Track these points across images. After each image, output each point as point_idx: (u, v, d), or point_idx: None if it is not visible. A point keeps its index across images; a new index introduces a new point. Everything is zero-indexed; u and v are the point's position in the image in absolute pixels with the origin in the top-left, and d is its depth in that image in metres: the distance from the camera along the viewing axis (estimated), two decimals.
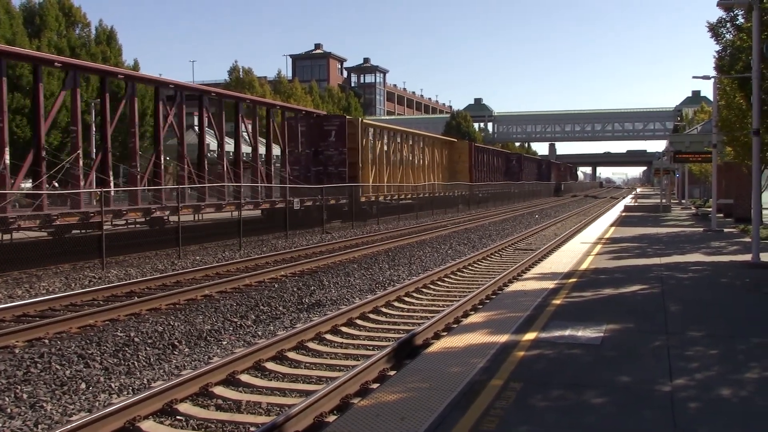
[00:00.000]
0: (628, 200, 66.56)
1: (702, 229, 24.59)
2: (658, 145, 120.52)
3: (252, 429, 6.53)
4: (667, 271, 13.67)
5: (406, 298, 13.10)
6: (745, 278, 12.91)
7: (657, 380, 6.35)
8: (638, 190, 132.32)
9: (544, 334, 8.18)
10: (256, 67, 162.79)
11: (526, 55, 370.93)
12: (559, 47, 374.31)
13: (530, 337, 8.07)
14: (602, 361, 7.07)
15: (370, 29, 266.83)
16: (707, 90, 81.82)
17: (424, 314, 11.80)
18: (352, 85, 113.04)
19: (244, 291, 13.89)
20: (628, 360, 7.09)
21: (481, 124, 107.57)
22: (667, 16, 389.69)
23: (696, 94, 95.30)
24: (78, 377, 7.98)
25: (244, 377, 8.05)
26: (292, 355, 9.06)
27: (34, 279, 15.37)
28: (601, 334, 8.16)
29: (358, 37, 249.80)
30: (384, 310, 12.05)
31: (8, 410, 6.90)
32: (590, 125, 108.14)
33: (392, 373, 7.78)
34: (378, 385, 7.34)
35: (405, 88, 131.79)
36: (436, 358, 7.26)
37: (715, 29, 19.60)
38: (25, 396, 7.31)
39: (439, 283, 14.96)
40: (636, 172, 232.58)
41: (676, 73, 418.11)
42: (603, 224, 29.41)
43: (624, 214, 37.24)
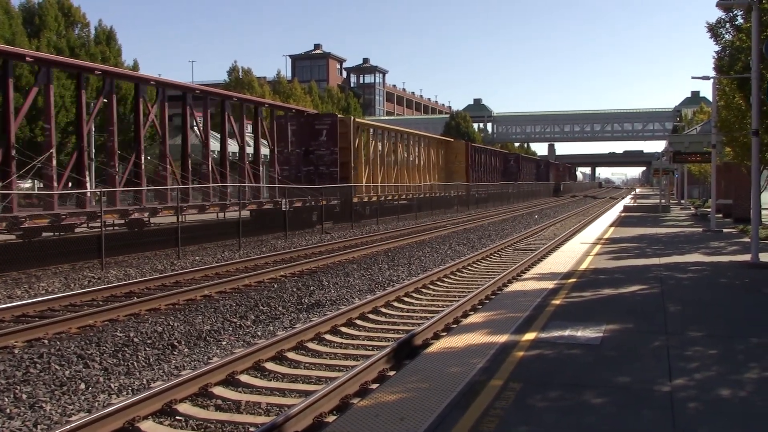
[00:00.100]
0: (628, 200, 66.58)
1: (701, 230, 24.61)
2: (657, 146, 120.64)
3: (251, 429, 6.53)
4: (666, 272, 13.68)
5: (406, 299, 13.10)
6: (745, 278, 12.92)
7: (656, 380, 6.35)
8: (637, 190, 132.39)
9: (543, 335, 8.18)
10: (256, 68, 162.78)
11: (526, 55, 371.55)
12: (559, 47, 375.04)
13: (530, 337, 8.07)
14: (602, 361, 7.07)
15: (370, 29, 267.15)
16: (706, 90, 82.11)
17: (424, 314, 11.80)
18: (352, 85, 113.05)
19: (244, 291, 13.89)
20: (628, 360, 7.09)
21: (481, 125, 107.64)
22: (666, 16, 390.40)
23: (695, 94, 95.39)
24: (77, 377, 7.98)
25: (244, 377, 8.05)
26: (291, 355, 9.06)
27: (34, 279, 15.36)
28: (601, 335, 8.16)
29: (357, 37, 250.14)
30: (383, 310, 12.05)
31: (7, 410, 6.90)
32: (589, 125, 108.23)
33: (392, 374, 7.78)
34: (377, 385, 7.34)
35: (404, 89, 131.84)
36: (435, 359, 7.26)
37: (714, 30, 19.63)
38: (25, 396, 7.31)
39: (438, 283, 14.97)
40: (635, 172, 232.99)
41: (676, 73, 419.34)
42: (602, 224, 29.43)
43: (623, 215, 37.26)
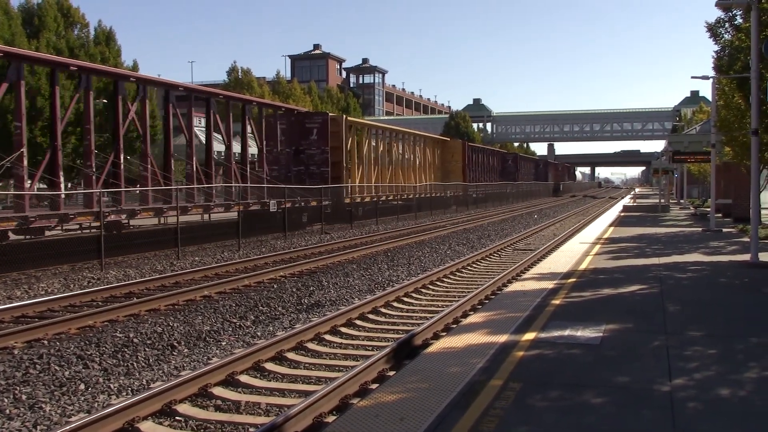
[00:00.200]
0: (627, 200, 66.57)
1: (701, 229, 24.61)
2: (657, 145, 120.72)
3: (251, 429, 6.53)
4: (665, 271, 13.68)
5: (405, 299, 13.10)
6: (744, 278, 12.93)
7: (656, 380, 6.35)
8: (637, 190, 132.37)
9: (543, 334, 8.18)
10: (255, 68, 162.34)
11: (526, 55, 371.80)
12: (558, 47, 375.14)
13: (529, 337, 8.07)
14: (601, 361, 7.07)
15: (369, 29, 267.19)
16: (706, 90, 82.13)
17: (424, 314, 11.80)
18: (351, 85, 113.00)
19: (243, 292, 13.88)
20: (628, 360, 7.09)
21: (480, 125, 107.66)
22: (666, 16, 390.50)
23: (695, 94, 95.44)
24: (77, 378, 7.98)
25: (244, 378, 8.05)
26: (291, 355, 9.06)
27: (33, 280, 15.36)
28: (601, 334, 8.16)
29: (357, 37, 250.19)
30: (383, 310, 12.05)
31: (7, 411, 6.90)
32: (589, 125, 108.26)
33: (392, 374, 7.78)
34: (377, 385, 7.34)
35: (404, 89, 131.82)
36: (435, 359, 7.26)
37: (713, 29, 19.63)
38: (24, 397, 7.31)
39: (438, 283, 14.97)
40: (635, 172, 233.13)
41: (676, 73, 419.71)
42: (602, 224, 29.43)
43: (623, 214, 37.26)
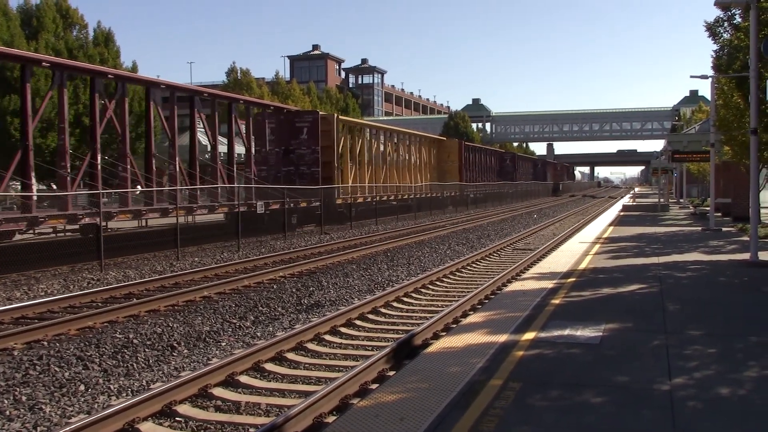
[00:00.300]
0: (627, 200, 66.57)
1: (700, 229, 24.62)
2: (656, 145, 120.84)
3: (251, 430, 6.53)
4: (665, 271, 13.68)
5: (405, 299, 13.10)
6: (744, 277, 12.93)
7: (656, 379, 6.36)
8: (636, 189, 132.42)
9: (543, 334, 8.18)
10: (255, 69, 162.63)
11: (526, 55, 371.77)
12: (558, 48, 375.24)
13: (529, 336, 8.07)
14: (601, 360, 7.07)
15: (369, 29, 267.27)
16: (705, 89, 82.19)
17: (423, 314, 11.80)
18: (350, 85, 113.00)
19: (243, 292, 13.88)
20: (627, 359, 7.09)
21: (479, 125, 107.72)
22: (666, 16, 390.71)
23: (694, 93, 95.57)
24: (77, 379, 7.97)
25: (244, 378, 8.05)
26: (291, 356, 9.06)
27: (33, 281, 15.35)
28: (600, 334, 8.16)
29: (356, 37, 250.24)
30: (383, 310, 12.05)
31: (7, 412, 6.89)
32: (588, 125, 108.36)
33: (391, 374, 7.79)
34: (377, 385, 7.34)
35: (403, 89, 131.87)
36: (435, 358, 7.26)
37: (712, 29, 19.64)
38: (24, 398, 7.31)
39: (437, 283, 14.97)
40: (634, 171, 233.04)
41: (675, 73, 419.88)
42: (601, 224, 29.43)
43: (622, 214, 37.27)
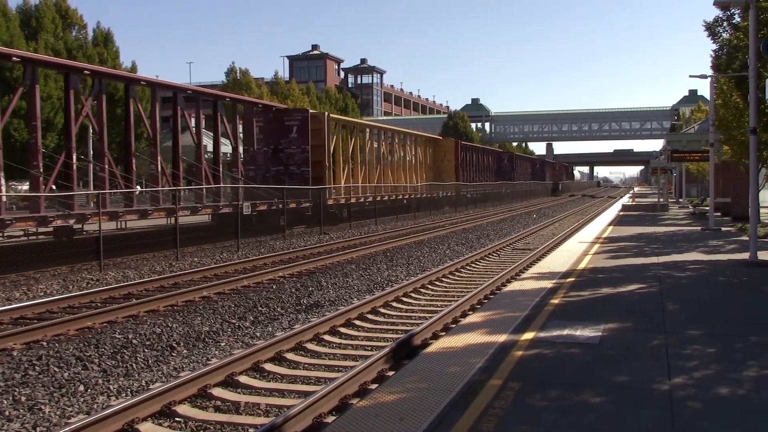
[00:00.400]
0: (626, 199, 66.54)
1: (699, 228, 24.63)
2: (656, 145, 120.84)
3: (251, 430, 6.53)
4: (664, 270, 13.68)
5: (405, 299, 13.10)
6: (743, 277, 12.93)
7: (655, 379, 6.35)
8: (636, 189, 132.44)
9: (542, 334, 8.18)
10: (254, 69, 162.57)
11: (526, 55, 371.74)
12: (558, 48, 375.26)
13: (529, 336, 8.06)
14: (601, 360, 7.07)
15: (368, 30, 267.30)
16: (704, 89, 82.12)
17: (423, 314, 11.80)
18: (349, 85, 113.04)
19: (242, 292, 13.88)
20: (627, 359, 7.09)
21: (479, 125, 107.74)
22: (666, 16, 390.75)
23: (693, 93, 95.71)
24: (76, 379, 7.97)
25: (243, 378, 8.04)
26: (290, 356, 9.06)
27: (32, 281, 15.34)
28: (600, 334, 8.16)
29: (355, 37, 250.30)
30: (382, 310, 12.04)
31: (7, 413, 6.89)
32: (587, 125, 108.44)
33: (391, 374, 7.78)
34: (377, 385, 7.34)
35: (402, 89, 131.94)
36: (434, 358, 7.26)
37: (712, 28, 19.64)
38: (24, 399, 7.30)
39: (437, 283, 14.97)
40: (634, 171, 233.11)
41: (675, 73, 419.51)
42: (601, 224, 29.43)
43: (621, 214, 37.27)
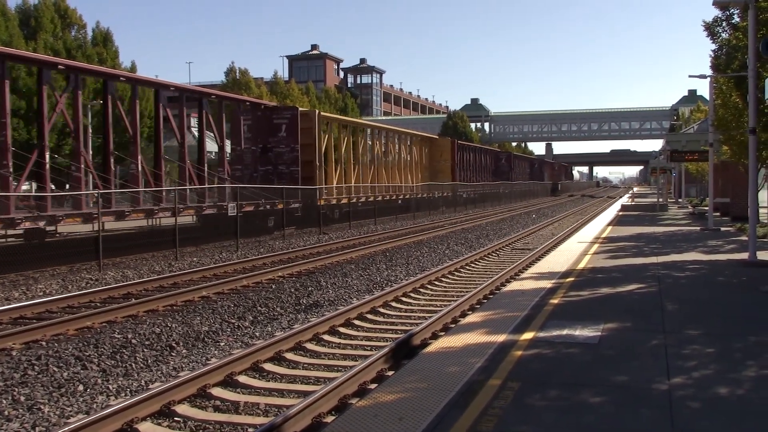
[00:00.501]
0: (625, 199, 66.54)
1: (699, 228, 24.64)
2: (655, 145, 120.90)
3: (250, 430, 6.53)
4: (664, 270, 13.69)
5: (404, 299, 13.10)
6: (742, 276, 12.94)
7: (655, 379, 6.36)
8: (635, 189, 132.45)
9: (541, 334, 8.18)
10: (253, 69, 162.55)
11: (525, 56, 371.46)
12: (558, 48, 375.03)
13: (528, 336, 8.07)
14: (600, 360, 7.07)
15: (368, 30, 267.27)
16: (704, 89, 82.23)
17: (422, 314, 11.80)
18: (349, 85, 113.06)
19: (242, 292, 13.88)
20: (626, 359, 7.09)
21: (478, 124, 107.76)
22: (665, 16, 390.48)
23: (692, 93, 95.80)
24: (75, 379, 7.97)
25: (242, 378, 8.04)
26: (290, 355, 9.06)
27: (31, 281, 15.34)
28: (599, 333, 8.17)
29: (355, 37, 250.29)
30: (382, 310, 12.05)
31: (6, 413, 6.89)
32: (587, 125, 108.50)
33: (390, 374, 7.78)
34: (376, 385, 7.34)
35: (401, 89, 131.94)
36: (434, 358, 7.26)
37: (711, 28, 19.63)
38: (23, 398, 7.30)
39: (436, 283, 14.97)
40: (633, 171, 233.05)
41: (674, 73, 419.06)
42: (600, 224, 29.44)
43: (621, 214, 37.28)
